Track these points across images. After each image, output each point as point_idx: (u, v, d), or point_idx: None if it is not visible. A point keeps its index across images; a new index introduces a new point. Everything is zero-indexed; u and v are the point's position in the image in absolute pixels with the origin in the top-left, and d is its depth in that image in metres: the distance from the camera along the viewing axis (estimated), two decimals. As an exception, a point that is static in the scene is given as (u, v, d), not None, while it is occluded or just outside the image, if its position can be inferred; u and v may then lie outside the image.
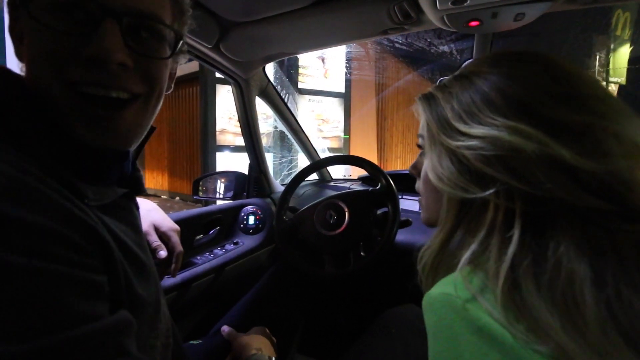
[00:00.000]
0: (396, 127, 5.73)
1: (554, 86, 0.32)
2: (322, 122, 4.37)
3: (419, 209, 1.28)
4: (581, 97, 0.31)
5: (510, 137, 0.30)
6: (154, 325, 0.39)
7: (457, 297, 0.28)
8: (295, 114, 1.41)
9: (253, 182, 1.28)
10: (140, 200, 0.62)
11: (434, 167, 0.37)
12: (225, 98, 3.55)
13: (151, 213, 0.60)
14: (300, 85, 4.12)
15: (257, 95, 1.17)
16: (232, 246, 1.05)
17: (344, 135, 4.48)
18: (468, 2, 0.60)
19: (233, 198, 1.27)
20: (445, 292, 0.29)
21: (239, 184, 1.31)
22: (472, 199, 0.33)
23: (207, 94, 3.46)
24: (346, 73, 4.55)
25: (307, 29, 0.81)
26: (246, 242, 1.10)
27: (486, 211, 0.32)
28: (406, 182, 1.42)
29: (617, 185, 0.28)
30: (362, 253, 0.93)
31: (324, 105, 4.37)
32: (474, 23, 0.69)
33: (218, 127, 3.57)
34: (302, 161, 3.87)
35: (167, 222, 0.60)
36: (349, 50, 4.58)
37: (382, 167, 1.04)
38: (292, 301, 0.99)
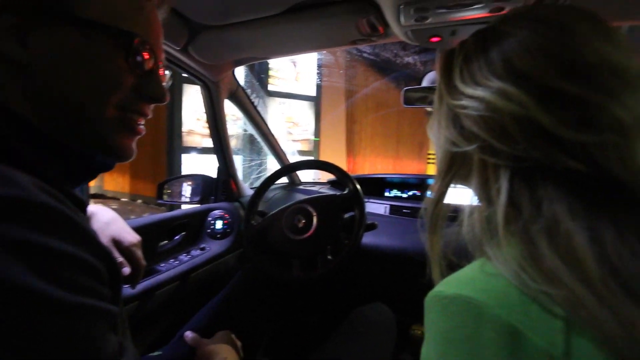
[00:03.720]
0: (365, 131, 5.87)
1: (561, 54, 0.30)
2: (293, 125, 4.37)
3: (384, 212, 1.34)
4: (590, 67, 0.29)
5: (493, 97, 0.32)
6: None
7: (483, 303, 0.27)
8: (265, 118, 1.41)
9: (221, 186, 1.26)
10: (98, 210, 0.59)
11: (436, 123, 0.40)
12: (192, 98, 3.44)
13: (110, 226, 0.56)
14: (270, 88, 4.10)
15: (227, 98, 1.16)
16: (198, 252, 1.03)
17: (315, 138, 4.51)
18: (429, 20, 0.65)
19: (200, 202, 1.24)
20: (463, 294, 0.28)
21: (206, 188, 1.28)
22: (462, 153, 0.35)
23: (173, 94, 3.34)
24: (317, 75, 4.60)
25: (278, 36, 0.82)
26: (213, 247, 1.08)
27: (473, 165, 0.35)
28: (372, 186, 1.47)
29: (600, 157, 0.28)
30: (329, 257, 0.94)
31: (294, 108, 4.38)
32: (435, 39, 0.74)
33: (185, 128, 3.45)
34: (272, 164, 3.84)
35: (128, 236, 0.56)
36: (320, 57, 4.65)
37: (351, 170, 1.07)
38: (260, 305, 0.98)
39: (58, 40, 0.33)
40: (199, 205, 1.21)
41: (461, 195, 0.40)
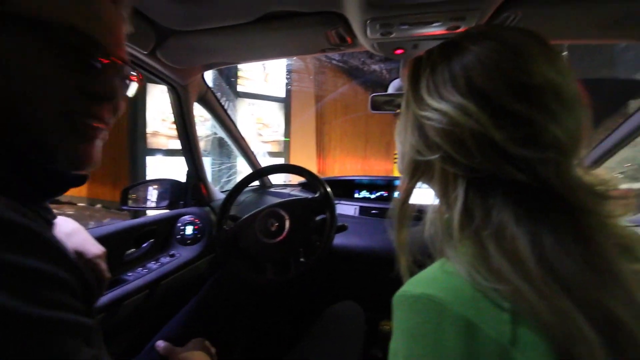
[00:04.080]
0: (334, 132, 5.94)
1: (514, 76, 0.33)
2: (263, 126, 4.32)
3: (354, 213, 1.38)
4: (537, 89, 0.33)
5: (455, 112, 0.34)
6: None
7: (444, 301, 0.30)
8: (235, 120, 1.40)
9: (191, 190, 1.24)
10: (59, 221, 0.56)
11: (403, 130, 0.43)
12: (157, 98, 3.28)
13: (72, 238, 0.53)
14: (239, 89, 4.01)
15: (196, 102, 1.14)
16: (167, 259, 1.01)
17: (285, 138, 4.49)
18: (393, 35, 0.69)
19: (169, 207, 1.21)
20: (427, 293, 0.31)
21: (174, 193, 1.25)
22: (426, 161, 0.38)
23: (136, 94, 3.18)
24: (286, 79, 4.60)
25: (248, 43, 0.82)
26: (183, 254, 1.06)
27: (435, 172, 0.38)
28: (342, 188, 1.52)
29: (542, 170, 0.32)
30: (302, 259, 0.96)
31: (264, 109, 4.33)
32: (399, 51, 0.79)
33: (149, 129, 3.29)
34: (242, 167, 3.78)
35: (92, 248, 0.54)
36: (289, 62, 4.65)
37: (321, 170, 1.10)
38: (233, 309, 0.98)
39: None
40: (167, 210, 1.18)
41: (425, 196, 0.44)
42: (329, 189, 1.02)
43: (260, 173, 1.15)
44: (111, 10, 0.37)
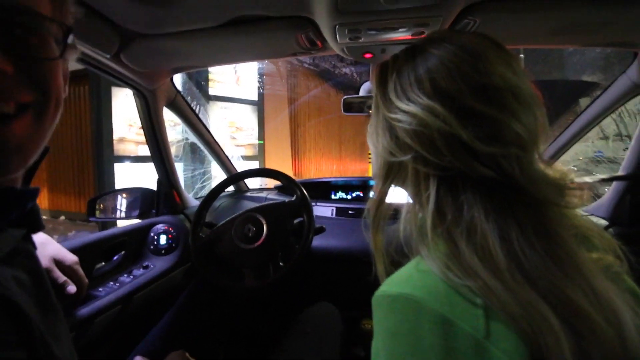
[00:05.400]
0: (309, 133, 5.98)
1: (475, 77, 0.35)
2: (236, 129, 4.25)
3: (331, 214, 1.40)
4: (496, 90, 0.35)
5: (424, 114, 0.36)
6: None
7: (421, 299, 0.31)
8: (207, 124, 1.37)
9: (163, 198, 1.20)
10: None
11: (374, 132, 0.44)
12: (123, 102, 3.14)
13: (47, 247, 0.55)
14: (211, 92, 3.91)
15: (165, 106, 1.11)
16: (141, 271, 0.97)
17: (259, 141, 4.44)
18: (362, 39, 0.71)
19: (140, 217, 1.16)
20: (404, 292, 0.32)
21: (145, 201, 1.20)
22: (398, 162, 0.40)
23: (100, 97, 3.00)
24: (259, 82, 4.55)
25: (217, 46, 0.81)
26: (158, 264, 1.03)
27: (407, 173, 0.39)
28: (318, 190, 1.53)
29: (506, 165, 0.34)
30: (281, 263, 0.96)
31: (237, 113, 4.25)
32: (367, 55, 0.81)
33: (116, 136, 3.14)
34: (216, 172, 3.69)
35: (68, 255, 0.56)
36: (261, 65, 4.60)
37: (297, 172, 1.10)
38: (212, 318, 0.96)
39: None
40: (138, 220, 1.13)
41: (400, 195, 0.45)
42: (305, 192, 1.02)
43: (236, 178, 1.13)
44: None
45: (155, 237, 1.09)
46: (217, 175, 3.68)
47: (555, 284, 0.30)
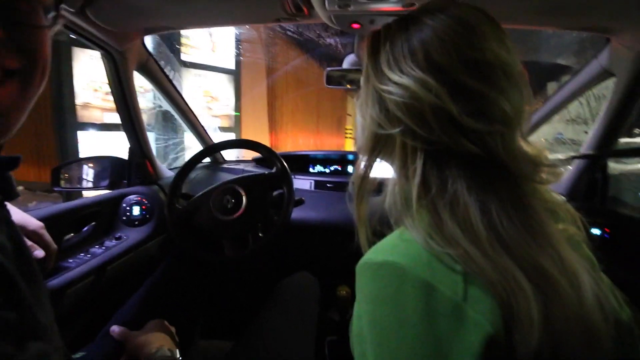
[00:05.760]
0: (286, 106, 5.84)
1: (469, 52, 0.36)
2: (211, 99, 4.05)
3: (310, 187, 1.41)
4: (488, 66, 0.36)
5: (417, 87, 0.36)
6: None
7: (404, 266, 0.32)
8: (181, 92, 1.30)
9: (135, 169, 1.14)
10: None
11: (363, 104, 0.43)
12: (86, 65, 2.86)
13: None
14: (184, 58, 3.66)
15: (136, 70, 1.03)
16: (113, 242, 0.94)
17: (235, 112, 4.27)
18: (351, 8, 0.68)
19: (110, 187, 1.11)
20: (389, 260, 0.34)
21: (116, 171, 1.15)
22: (386, 134, 0.40)
23: (59, 59, 2.72)
24: (236, 50, 4.30)
25: (196, 7, 0.76)
26: (131, 236, 1.00)
27: (395, 145, 0.40)
28: (298, 163, 1.52)
29: (490, 142, 0.35)
30: (260, 234, 0.97)
31: (212, 81, 4.02)
32: (355, 25, 0.79)
33: (79, 101, 2.89)
34: (190, 143, 3.55)
35: (32, 220, 0.52)
36: (239, 32, 4.31)
37: (274, 145, 1.09)
38: (191, 288, 0.97)
39: None
40: (108, 191, 1.08)
41: (384, 170, 0.46)
42: (285, 164, 1.02)
43: (214, 149, 1.10)
44: None
45: (128, 208, 1.05)
46: (191, 146, 3.53)
47: (529, 252, 0.32)
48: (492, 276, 0.30)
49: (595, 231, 0.95)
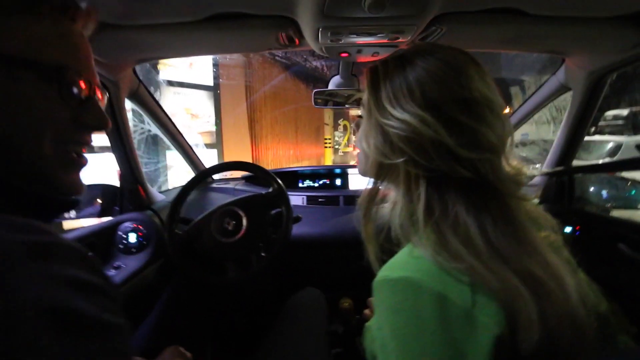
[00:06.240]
0: (265, 119, 5.86)
1: (459, 91, 0.41)
2: (192, 116, 4.00)
3: (302, 203, 1.45)
4: (475, 103, 0.41)
5: (417, 123, 0.40)
6: None
7: (420, 280, 0.37)
8: (170, 116, 1.31)
9: (128, 195, 1.14)
10: None
11: (367, 134, 0.48)
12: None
13: None
14: (162, 77, 3.61)
15: (127, 98, 1.04)
16: (113, 272, 0.93)
17: (215, 126, 4.22)
18: (342, 41, 0.75)
19: (100, 215, 1.10)
20: (405, 275, 0.38)
21: (107, 198, 1.14)
22: (390, 163, 0.44)
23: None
24: (214, 67, 4.29)
25: (193, 40, 0.79)
26: (130, 264, 0.99)
27: (399, 173, 0.44)
28: (286, 179, 1.56)
29: (481, 168, 0.41)
30: (262, 254, 0.99)
31: (192, 99, 3.97)
32: (344, 54, 0.85)
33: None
34: (172, 163, 3.48)
35: None
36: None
37: (256, 158, 1.12)
38: (199, 312, 0.97)
39: None
40: (99, 219, 1.07)
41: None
42: (282, 184, 1.05)
43: (209, 172, 1.12)
44: (84, 41, 0.39)
45: (124, 236, 1.04)
46: (173, 166, 3.46)
47: (522, 261, 0.37)
48: (495, 285, 0.35)
49: (568, 229, 1.06)
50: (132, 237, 1.05)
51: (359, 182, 1.60)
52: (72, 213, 1.12)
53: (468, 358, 0.33)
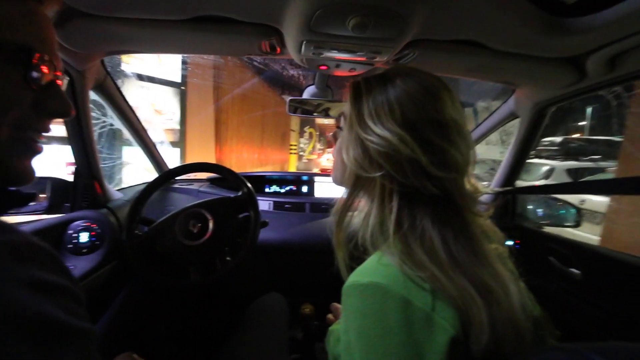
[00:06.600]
0: (232, 121, 5.73)
1: (434, 114, 0.45)
2: (155, 112, 3.78)
3: (269, 208, 1.44)
4: (447, 126, 0.45)
5: (396, 141, 0.44)
6: None
7: (387, 285, 0.39)
8: (135, 110, 1.25)
9: (82, 190, 1.06)
10: None
11: (346, 147, 0.50)
12: None
13: None
14: (127, 68, 3.38)
15: (92, 89, 0.98)
16: None
17: (180, 125, 4.04)
18: (323, 55, 0.78)
19: (49, 211, 1.01)
20: (374, 281, 0.40)
21: (57, 193, 1.05)
22: (367, 177, 0.47)
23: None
24: (183, 63, 4.12)
25: (173, 38, 0.77)
26: (80, 265, 0.93)
27: (375, 186, 0.47)
28: (256, 183, 1.55)
29: (448, 185, 0.45)
30: (227, 258, 0.98)
31: (157, 94, 3.75)
32: (323, 67, 0.89)
33: None
34: (130, 160, 3.26)
35: None
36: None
37: (219, 159, 1.10)
38: (156, 317, 0.93)
39: None
40: (48, 215, 0.99)
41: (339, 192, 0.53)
42: (252, 188, 1.05)
43: (174, 173, 1.08)
44: (49, 24, 0.38)
45: (75, 235, 0.97)
46: (131, 163, 3.25)
47: (476, 271, 0.42)
48: (453, 292, 0.39)
49: (510, 243, 1.18)
50: (84, 237, 0.98)
51: (324, 190, 1.63)
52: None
53: (426, 357, 0.37)
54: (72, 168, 1.08)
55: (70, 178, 1.07)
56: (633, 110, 2.65)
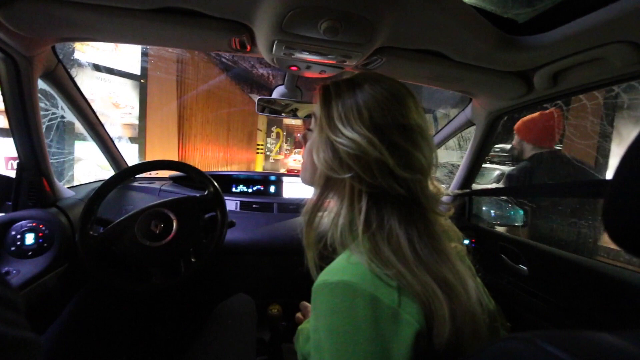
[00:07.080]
0: (196, 118, 5.52)
1: (400, 119, 0.47)
2: (112, 105, 3.52)
3: (235, 208, 1.42)
4: (412, 130, 0.48)
5: (365, 143, 0.45)
6: None
7: (356, 283, 0.41)
8: (90, 103, 1.17)
9: (27, 188, 0.97)
10: None
11: (317, 148, 0.51)
12: None
13: None
14: (78, 56, 3.12)
15: (40, 78, 0.90)
16: None
17: (139, 120, 3.80)
18: (294, 55, 0.78)
19: (-13, 211, 0.92)
20: (343, 279, 0.42)
21: (-4, 191, 0.95)
22: (337, 178, 0.48)
23: None
24: (143, 55, 3.88)
25: (133, 28, 0.73)
26: (24, 269, 0.85)
27: (345, 187, 0.48)
28: (222, 183, 1.52)
29: (413, 186, 0.47)
30: (192, 259, 0.95)
31: (113, 86, 3.50)
32: (293, 68, 0.89)
33: None
34: (81, 155, 3.02)
35: None
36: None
37: (182, 158, 1.07)
38: (113, 323, 0.87)
39: None
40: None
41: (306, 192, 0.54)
42: (219, 188, 1.02)
43: (138, 169, 1.02)
44: None
45: (19, 237, 0.89)
46: (82, 158, 3.01)
47: (438, 268, 0.44)
48: (417, 288, 0.41)
49: (466, 241, 1.26)
50: (30, 238, 0.90)
51: (292, 190, 1.63)
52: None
53: (393, 351, 0.38)
54: (14, 163, 0.98)
55: (12, 173, 0.97)
56: (571, 122, 2.96)
